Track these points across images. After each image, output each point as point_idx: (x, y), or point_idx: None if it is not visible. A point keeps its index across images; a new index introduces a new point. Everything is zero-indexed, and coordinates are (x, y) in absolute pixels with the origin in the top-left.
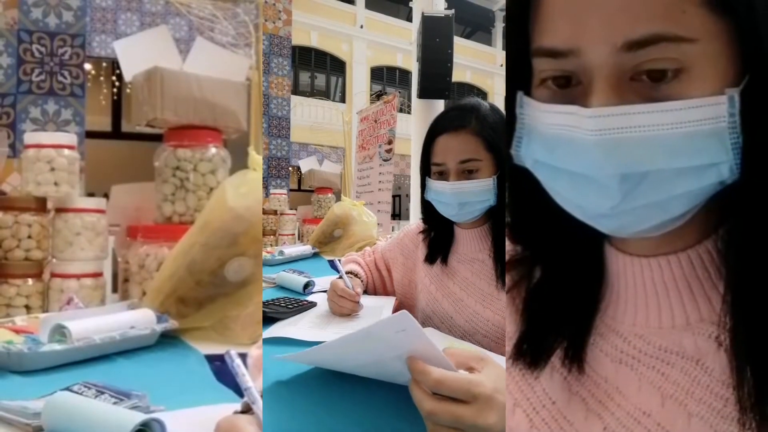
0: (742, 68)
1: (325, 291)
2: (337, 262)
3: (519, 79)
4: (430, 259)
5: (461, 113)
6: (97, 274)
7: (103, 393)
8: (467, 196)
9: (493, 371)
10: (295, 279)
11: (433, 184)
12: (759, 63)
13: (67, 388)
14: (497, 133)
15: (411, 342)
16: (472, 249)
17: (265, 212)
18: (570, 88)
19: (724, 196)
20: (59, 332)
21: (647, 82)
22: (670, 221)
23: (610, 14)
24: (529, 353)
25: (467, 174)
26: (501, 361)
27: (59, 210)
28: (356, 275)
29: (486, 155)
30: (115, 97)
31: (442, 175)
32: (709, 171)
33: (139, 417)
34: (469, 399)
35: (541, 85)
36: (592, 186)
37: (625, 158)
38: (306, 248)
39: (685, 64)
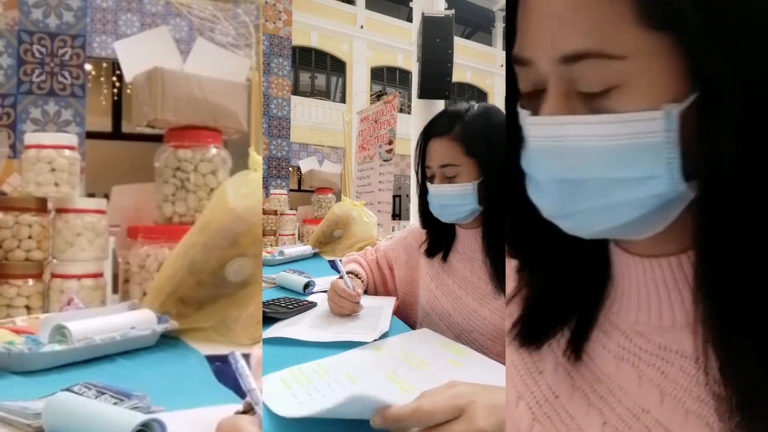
0: (689, 86)
1: (325, 291)
2: (338, 262)
3: (515, 87)
4: (428, 253)
5: (447, 119)
6: (98, 275)
7: (103, 393)
8: (446, 199)
9: (466, 386)
10: (295, 279)
11: (428, 185)
12: (701, 82)
13: (68, 389)
14: (479, 140)
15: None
16: (471, 248)
17: (265, 212)
18: (536, 97)
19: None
20: (60, 333)
21: (588, 95)
22: (630, 226)
23: (554, 28)
24: (531, 332)
25: (448, 178)
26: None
27: (60, 210)
28: (357, 275)
29: (466, 160)
30: (116, 98)
31: (431, 178)
32: (647, 183)
33: (140, 417)
34: (457, 414)
35: (522, 94)
36: (540, 189)
37: (561, 165)
38: (306, 248)
39: (618, 80)
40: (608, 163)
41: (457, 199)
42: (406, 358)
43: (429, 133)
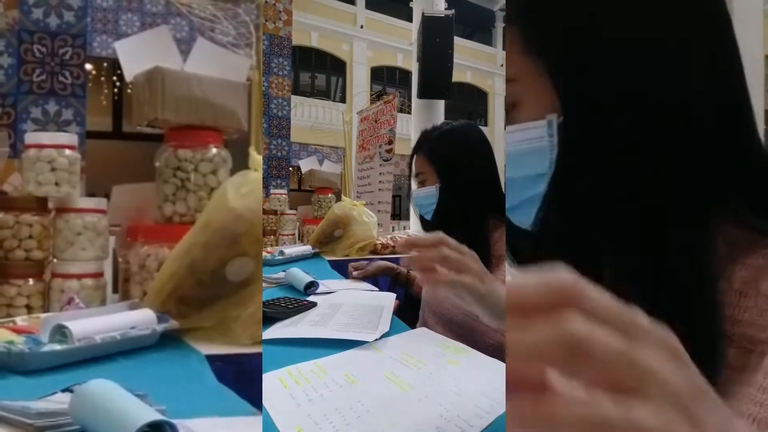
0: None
1: (328, 293)
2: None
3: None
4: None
5: (422, 139)
6: (98, 275)
7: None
8: (420, 200)
9: None
10: (303, 276)
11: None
12: (567, 97)
13: (68, 389)
14: (440, 153)
15: None
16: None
17: (265, 212)
18: None
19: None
20: (60, 332)
21: (510, 113)
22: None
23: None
24: None
25: (421, 183)
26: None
27: (60, 210)
28: None
29: (430, 169)
30: (116, 98)
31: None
32: (540, 179)
33: (156, 415)
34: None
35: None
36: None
37: (508, 165)
38: (306, 248)
39: (517, 98)
40: (520, 164)
41: (426, 198)
42: (404, 357)
43: (414, 150)
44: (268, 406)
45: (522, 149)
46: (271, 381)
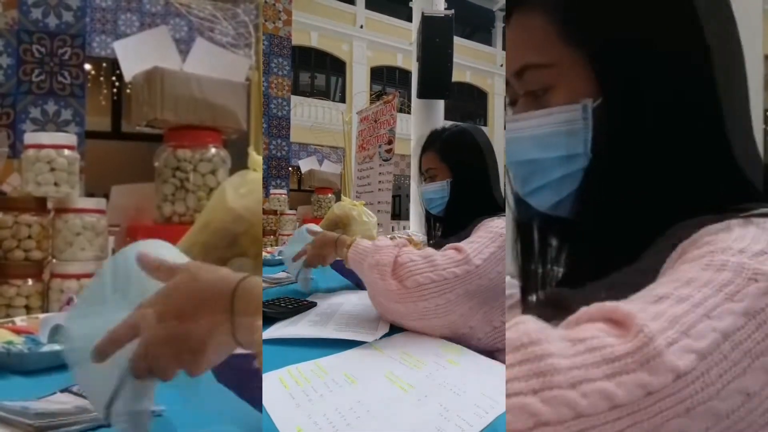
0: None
1: (328, 291)
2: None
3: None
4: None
5: (432, 137)
6: None
7: None
8: (429, 194)
9: None
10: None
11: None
12: (605, 84)
13: (67, 389)
14: (451, 151)
15: None
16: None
17: (265, 212)
18: (514, 104)
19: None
20: (59, 332)
21: (532, 98)
22: (568, 201)
23: (509, 51)
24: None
25: (431, 179)
26: (492, 364)
27: (59, 210)
28: None
29: (441, 165)
30: (115, 98)
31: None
32: (573, 160)
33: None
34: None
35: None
36: (510, 173)
37: (516, 151)
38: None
39: (550, 83)
40: (544, 146)
41: (437, 193)
42: (404, 357)
43: (423, 148)
44: (267, 406)
45: (552, 131)
46: (271, 381)
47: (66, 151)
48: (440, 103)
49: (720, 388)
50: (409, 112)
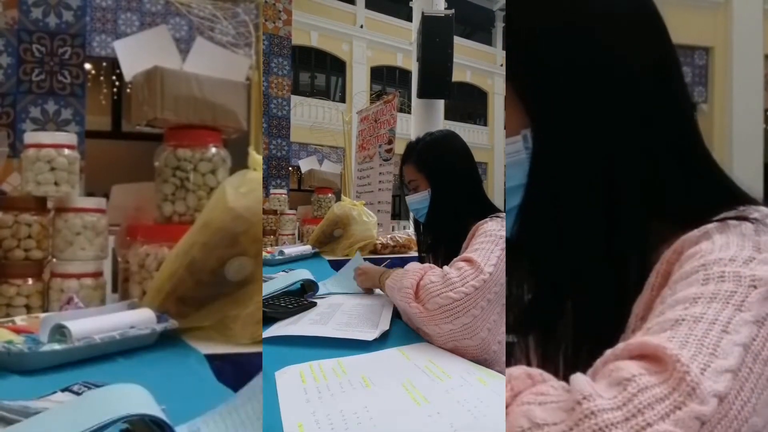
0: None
1: (327, 295)
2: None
3: None
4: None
5: (408, 150)
6: (98, 274)
7: None
8: (414, 205)
9: None
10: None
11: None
12: (529, 110)
13: (67, 388)
14: (427, 161)
15: None
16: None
17: (265, 212)
18: None
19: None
20: (59, 332)
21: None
22: None
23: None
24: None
25: (413, 190)
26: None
27: (59, 210)
28: None
29: (420, 176)
30: (115, 97)
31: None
32: (519, 191)
33: (155, 409)
34: None
35: None
36: None
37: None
38: (306, 248)
39: (508, 118)
40: (508, 176)
41: (420, 203)
42: (429, 367)
43: (402, 161)
44: (281, 399)
45: (509, 162)
46: (291, 374)
47: (66, 151)
48: (440, 103)
49: (755, 404)
50: (409, 112)
